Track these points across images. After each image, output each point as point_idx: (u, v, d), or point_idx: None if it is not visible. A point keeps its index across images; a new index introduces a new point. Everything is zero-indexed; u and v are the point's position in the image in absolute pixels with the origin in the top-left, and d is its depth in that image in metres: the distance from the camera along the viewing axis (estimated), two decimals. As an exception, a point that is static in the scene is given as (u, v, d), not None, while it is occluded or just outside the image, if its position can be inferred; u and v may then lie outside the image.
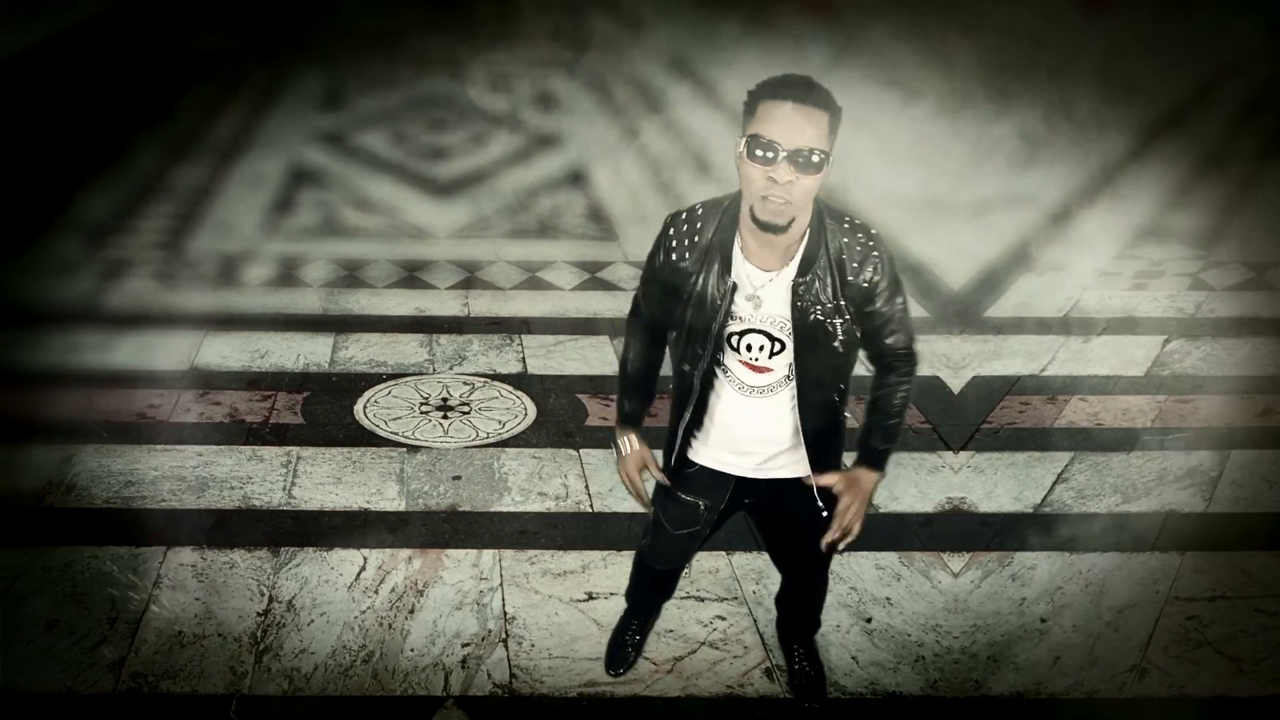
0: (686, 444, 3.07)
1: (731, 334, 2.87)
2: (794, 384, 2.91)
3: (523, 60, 11.76)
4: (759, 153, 2.60)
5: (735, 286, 2.80)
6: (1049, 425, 5.01)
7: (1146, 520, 4.35)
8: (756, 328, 2.85)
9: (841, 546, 3.01)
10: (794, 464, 3.05)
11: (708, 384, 2.96)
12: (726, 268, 2.81)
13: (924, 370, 5.40)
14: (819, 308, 2.79)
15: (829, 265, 2.77)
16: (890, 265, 2.82)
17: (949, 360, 5.54)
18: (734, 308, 2.83)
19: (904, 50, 11.52)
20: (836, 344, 2.83)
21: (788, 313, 2.81)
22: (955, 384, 5.33)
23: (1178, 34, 11.76)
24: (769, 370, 2.91)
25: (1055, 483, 4.58)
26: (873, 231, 2.82)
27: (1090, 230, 7.32)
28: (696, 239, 2.83)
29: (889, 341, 2.92)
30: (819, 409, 2.95)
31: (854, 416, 3.04)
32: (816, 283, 2.78)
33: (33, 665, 3.51)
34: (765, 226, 2.69)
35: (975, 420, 5.02)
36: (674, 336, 2.99)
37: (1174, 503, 4.46)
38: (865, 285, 2.79)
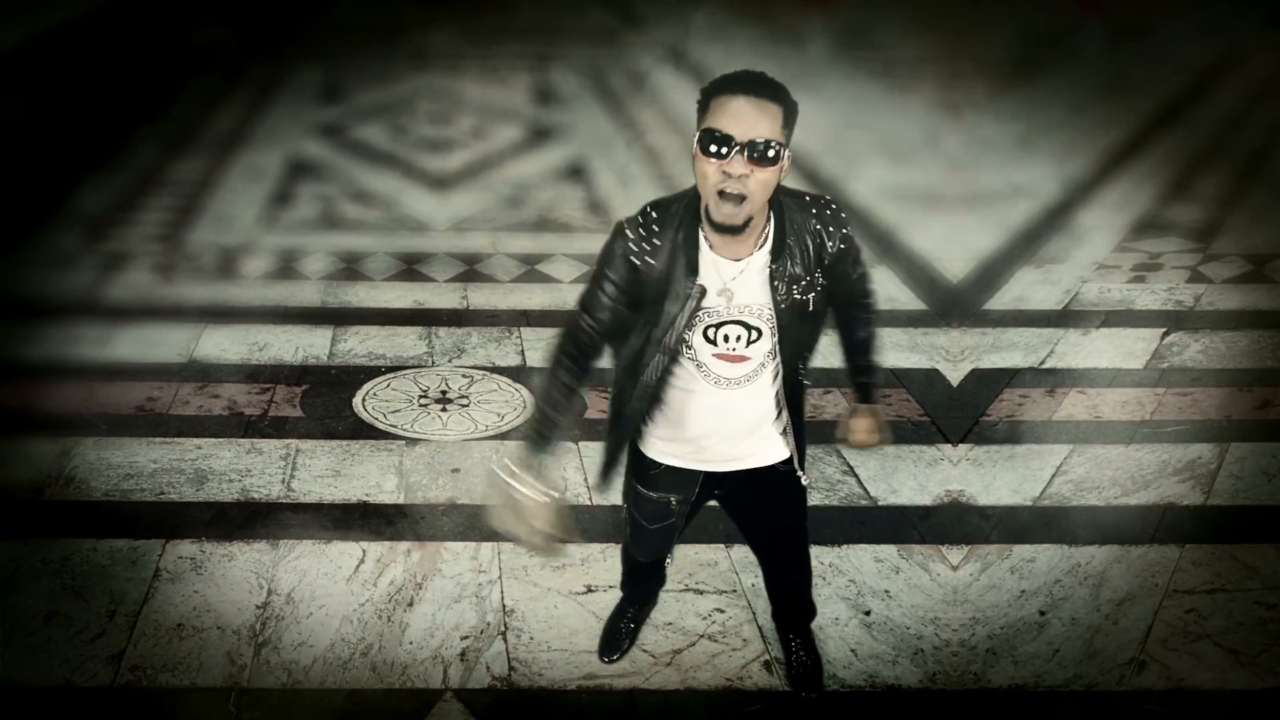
0: (641, 442, 3.08)
1: (707, 328, 2.84)
2: (774, 366, 2.92)
3: (521, 53, 11.73)
4: (713, 147, 2.58)
5: (704, 290, 2.77)
6: (1048, 418, 5.01)
7: (1145, 513, 4.35)
8: (733, 319, 2.83)
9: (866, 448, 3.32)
10: (767, 450, 3.06)
11: (666, 384, 2.94)
12: (693, 268, 2.76)
13: (923, 363, 5.44)
14: (796, 286, 2.80)
15: (798, 243, 2.80)
16: (849, 223, 2.91)
17: (947, 353, 5.53)
18: (706, 305, 2.80)
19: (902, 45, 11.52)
20: (812, 317, 2.88)
21: (766, 298, 2.80)
22: (954, 377, 5.32)
23: (1174, 29, 11.77)
24: (746, 359, 2.89)
25: (1054, 475, 4.58)
26: (831, 200, 2.88)
27: (1089, 223, 7.32)
28: (657, 241, 2.77)
29: (863, 295, 3.11)
30: (795, 383, 3.01)
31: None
32: (788, 261, 2.78)
33: (31, 658, 3.51)
34: (720, 228, 2.68)
35: (974, 413, 5.02)
36: (624, 342, 2.92)
37: (1173, 495, 4.46)
38: (843, 249, 2.86)
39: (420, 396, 5.08)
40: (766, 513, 3.28)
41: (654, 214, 2.80)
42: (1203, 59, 11.19)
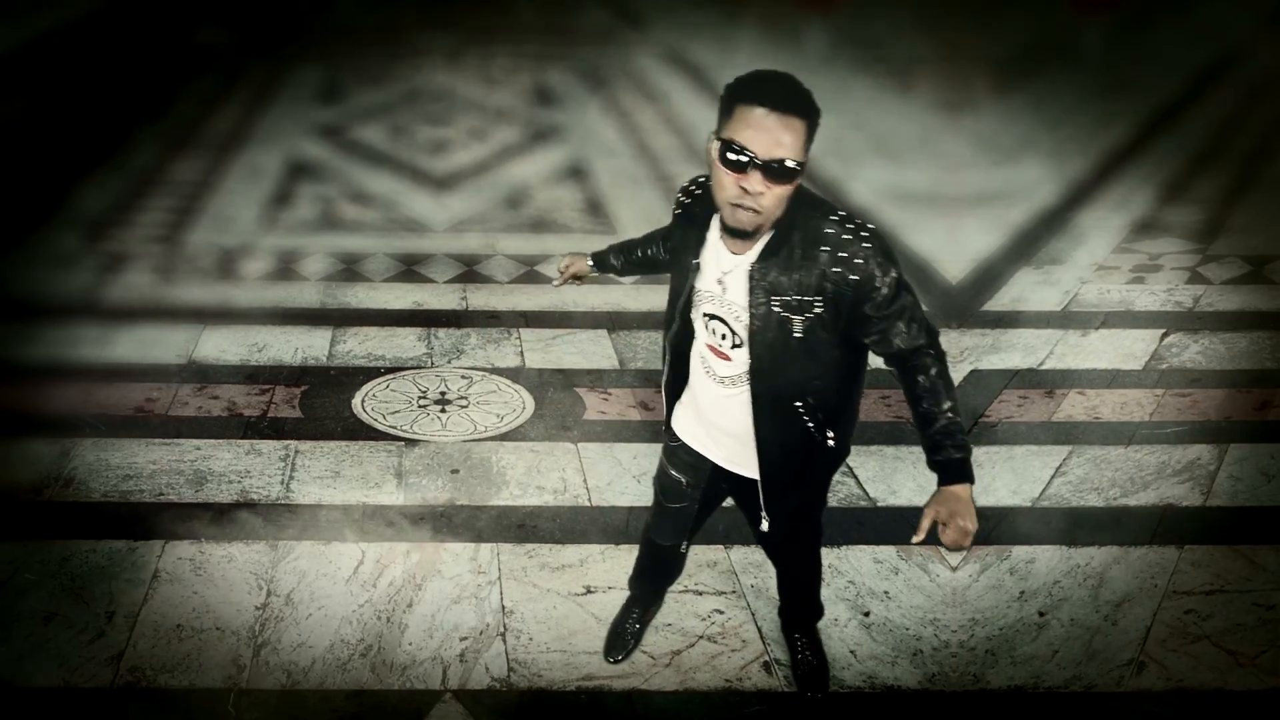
0: (672, 412, 3.14)
1: (705, 314, 2.87)
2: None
3: (520, 54, 11.73)
4: (731, 158, 2.55)
5: (699, 266, 2.82)
6: (1047, 419, 5.01)
7: (1144, 514, 4.35)
8: (718, 314, 2.83)
9: (956, 561, 3.38)
10: (755, 465, 3.01)
11: (682, 356, 2.99)
12: (699, 246, 2.82)
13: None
14: (777, 299, 2.69)
15: (796, 256, 2.66)
16: (886, 258, 2.67)
17: (946, 354, 5.52)
18: (702, 287, 2.83)
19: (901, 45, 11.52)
20: (796, 342, 2.72)
21: (744, 301, 2.74)
22: (953, 378, 5.31)
23: (1174, 29, 11.77)
24: (729, 360, 2.88)
25: (1053, 476, 4.58)
26: (866, 225, 2.69)
27: (1088, 224, 7.32)
28: (694, 209, 2.86)
29: (899, 341, 2.77)
30: (778, 416, 2.86)
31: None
32: (775, 272, 2.68)
33: (30, 659, 3.51)
34: (733, 233, 2.68)
35: (973, 414, 5.02)
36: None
37: (1172, 496, 4.46)
38: (855, 279, 2.64)
39: (419, 397, 5.08)
40: (757, 521, 3.23)
41: (706, 183, 2.79)
42: (1202, 59, 11.19)
